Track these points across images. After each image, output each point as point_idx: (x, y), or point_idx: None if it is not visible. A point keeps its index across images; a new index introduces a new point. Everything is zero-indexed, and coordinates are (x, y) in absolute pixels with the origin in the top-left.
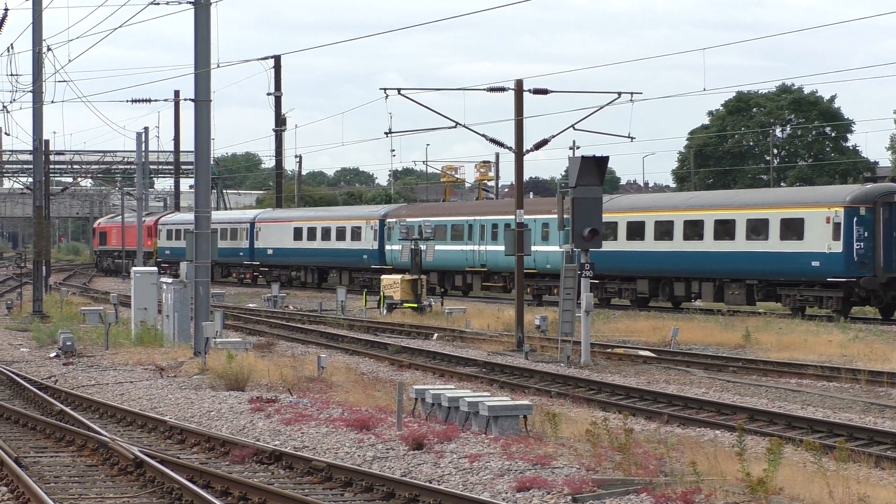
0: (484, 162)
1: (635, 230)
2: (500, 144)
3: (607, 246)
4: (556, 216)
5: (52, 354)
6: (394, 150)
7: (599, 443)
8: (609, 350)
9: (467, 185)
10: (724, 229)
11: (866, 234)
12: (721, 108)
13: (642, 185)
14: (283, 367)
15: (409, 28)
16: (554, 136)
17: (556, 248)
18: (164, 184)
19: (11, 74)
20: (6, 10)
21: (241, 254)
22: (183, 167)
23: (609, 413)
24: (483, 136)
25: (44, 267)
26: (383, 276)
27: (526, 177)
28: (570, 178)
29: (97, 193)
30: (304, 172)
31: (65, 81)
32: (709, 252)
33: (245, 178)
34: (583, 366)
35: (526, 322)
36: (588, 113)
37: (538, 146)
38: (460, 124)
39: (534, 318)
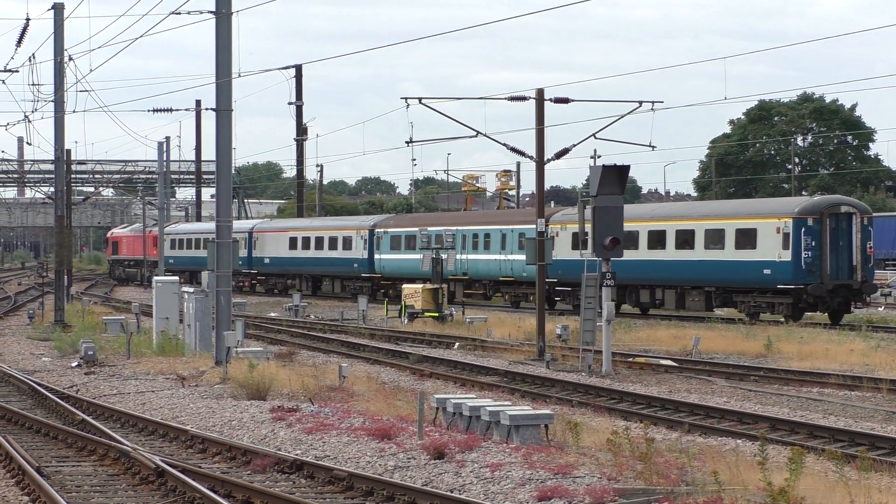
0: (505, 171)
1: None
2: (521, 153)
3: (579, 255)
4: (533, 226)
5: (74, 364)
6: (415, 160)
7: (621, 452)
8: (630, 359)
9: (488, 194)
10: (685, 239)
11: (814, 243)
12: (742, 116)
13: (664, 193)
14: (304, 376)
15: (429, 37)
16: (575, 145)
17: None
18: (185, 193)
19: (33, 84)
20: (27, 20)
21: (240, 262)
22: (204, 176)
23: (630, 422)
24: (504, 145)
25: (65, 276)
26: (404, 286)
27: (547, 186)
28: (591, 186)
29: (119, 203)
30: (325, 181)
31: (86, 91)
32: (671, 261)
33: (266, 188)
34: (604, 375)
35: (547, 331)
36: (609, 122)
37: (559, 155)
38: (481, 133)
39: (555, 327)
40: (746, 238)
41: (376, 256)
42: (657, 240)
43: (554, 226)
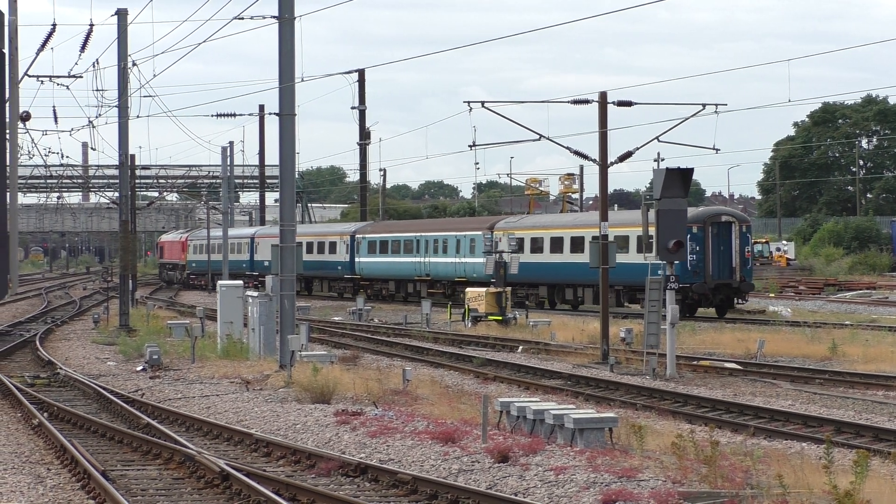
0: (568, 174)
1: (536, 245)
2: (585, 157)
3: (519, 258)
4: (479, 232)
5: (139, 368)
6: (478, 163)
7: (685, 455)
8: (695, 362)
9: (551, 197)
10: None
11: (698, 248)
12: (806, 119)
13: (727, 196)
14: (368, 379)
15: (492, 41)
16: (638, 148)
17: (481, 260)
18: (249, 198)
19: (97, 90)
20: (91, 25)
21: (244, 265)
22: (268, 181)
23: (695, 425)
24: (567, 148)
25: (130, 281)
26: (468, 289)
27: (610, 189)
28: (654, 190)
29: (183, 208)
30: (388, 186)
31: (150, 96)
32: (585, 264)
33: (330, 192)
34: (668, 378)
35: (611, 334)
36: (673, 125)
37: (622, 158)
38: (544, 137)
39: (619, 330)
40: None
41: (356, 259)
42: (577, 245)
43: (498, 232)
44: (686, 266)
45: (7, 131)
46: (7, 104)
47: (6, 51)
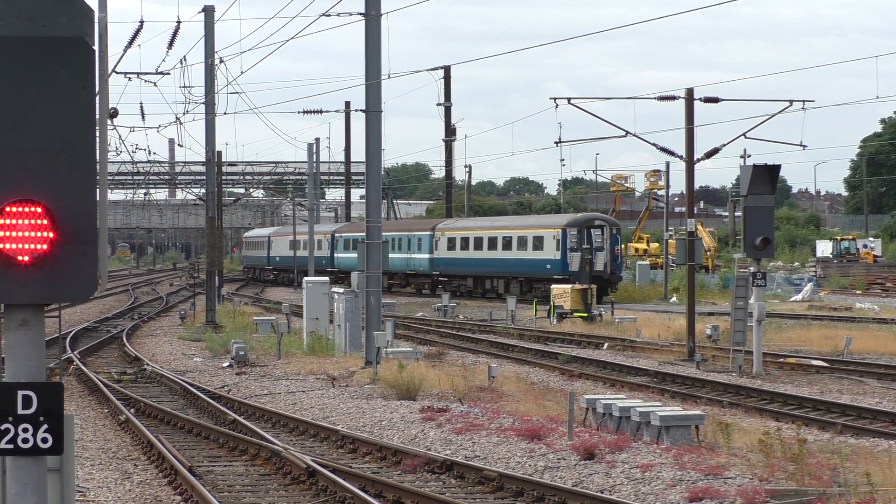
0: (654, 171)
1: (465, 243)
2: (671, 153)
3: (451, 254)
4: (423, 233)
5: (225, 364)
6: (563, 160)
7: (772, 453)
8: (781, 359)
9: (637, 194)
10: (506, 243)
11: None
12: (894, 115)
13: (814, 193)
14: (453, 376)
15: (577, 38)
16: (725, 145)
17: (425, 256)
18: (335, 194)
19: (184, 86)
20: (178, 22)
21: (265, 261)
22: (354, 177)
23: (782, 423)
24: (653, 144)
25: (216, 277)
26: (553, 286)
27: (696, 185)
28: (741, 186)
29: (269, 204)
30: (473, 182)
31: (237, 93)
32: (498, 259)
33: (415, 189)
34: (755, 375)
35: (697, 331)
36: (759, 121)
37: (709, 155)
38: (630, 133)
39: (705, 327)
40: (538, 243)
41: (335, 255)
42: (492, 244)
43: (438, 232)
44: (566, 261)
45: (97, 128)
46: (97, 100)
47: (97, 48)
